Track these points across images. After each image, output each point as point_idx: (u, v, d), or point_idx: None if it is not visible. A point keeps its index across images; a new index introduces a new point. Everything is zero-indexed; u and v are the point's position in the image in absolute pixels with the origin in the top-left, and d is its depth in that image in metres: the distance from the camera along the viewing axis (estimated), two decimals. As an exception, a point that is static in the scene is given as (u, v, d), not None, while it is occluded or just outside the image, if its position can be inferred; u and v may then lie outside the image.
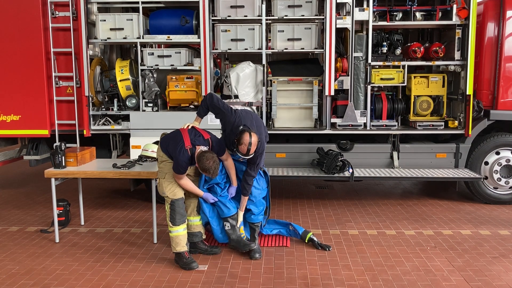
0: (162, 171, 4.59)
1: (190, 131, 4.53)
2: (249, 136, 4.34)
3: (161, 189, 4.61)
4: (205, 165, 4.26)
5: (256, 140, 4.38)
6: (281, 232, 5.23)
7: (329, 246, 4.94)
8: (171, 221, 4.51)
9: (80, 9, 6.27)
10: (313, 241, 4.99)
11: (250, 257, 4.67)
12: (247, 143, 4.33)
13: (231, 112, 4.62)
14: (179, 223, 4.52)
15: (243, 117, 4.59)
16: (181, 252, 4.50)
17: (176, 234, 4.51)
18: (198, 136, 4.48)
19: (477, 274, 4.30)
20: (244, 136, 4.33)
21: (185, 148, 4.36)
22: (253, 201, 4.84)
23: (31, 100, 6.42)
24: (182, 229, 4.54)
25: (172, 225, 4.51)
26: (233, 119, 4.56)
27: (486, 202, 6.57)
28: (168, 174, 4.55)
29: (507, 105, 6.43)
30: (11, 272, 4.41)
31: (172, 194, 4.53)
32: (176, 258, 4.54)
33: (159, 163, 4.64)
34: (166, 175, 4.56)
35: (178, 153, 4.34)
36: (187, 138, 4.42)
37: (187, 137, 4.43)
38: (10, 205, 6.74)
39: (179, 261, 4.50)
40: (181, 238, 4.52)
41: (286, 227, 5.24)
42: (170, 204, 4.53)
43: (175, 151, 4.38)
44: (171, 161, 4.51)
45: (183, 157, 4.34)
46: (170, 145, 4.48)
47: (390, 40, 6.53)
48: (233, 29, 6.37)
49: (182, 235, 4.54)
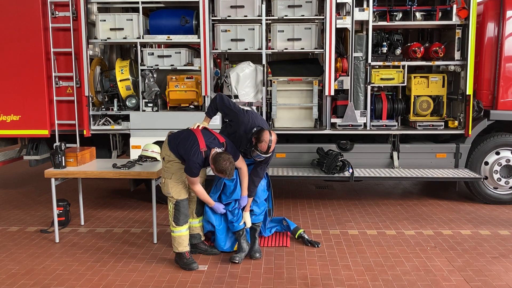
0: (168, 171, 4.53)
1: (204, 133, 4.42)
2: (269, 134, 4.33)
3: (166, 189, 4.56)
4: (222, 166, 4.17)
5: (275, 138, 4.38)
6: (277, 229, 5.27)
7: (318, 242, 4.98)
8: (175, 221, 4.50)
9: (80, 9, 6.26)
10: (303, 238, 5.04)
11: (251, 257, 4.67)
12: (267, 141, 4.30)
13: (243, 112, 4.56)
14: (183, 223, 4.51)
15: (255, 117, 4.58)
16: (182, 253, 4.49)
17: (179, 234, 4.50)
18: (213, 139, 4.39)
19: (477, 274, 4.30)
20: (264, 134, 4.31)
21: (199, 150, 4.26)
22: (257, 201, 4.83)
23: (31, 100, 6.42)
24: (185, 230, 4.54)
25: (175, 225, 4.50)
26: (247, 120, 4.49)
27: (486, 202, 6.57)
28: (175, 175, 4.50)
29: (507, 105, 6.43)
30: (11, 272, 4.42)
31: (178, 194, 4.51)
32: (177, 258, 4.54)
33: (166, 162, 4.55)
34: (173, 175, 4.51)
35: (192, 155, 4.24)
36: (202, 140, 4.32)
37: (202, 139, 4.32)
38: (10, 205, 6.74)
39: (180, 261, 4.50)
40: (184, 239, 4.51)
41: (280, 223, 5.29)
42: (174, 204, 4.52)
43: (188, 152, 4.28)
44: (178, 162, 4.46)
45: (197, 159, 4.25)
46: (181, 145, 4.39)
47: (390, 40, 6.53)
48: (233, 29, 6.37)
49: (185, 235, 4.53)
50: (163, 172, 4.63)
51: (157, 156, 5.48)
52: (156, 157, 5.48)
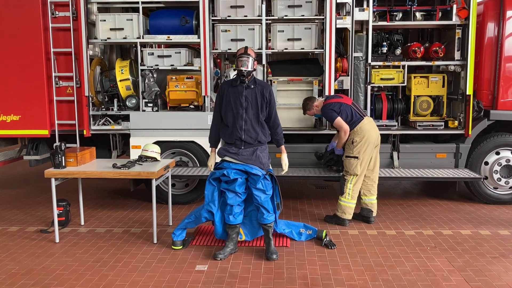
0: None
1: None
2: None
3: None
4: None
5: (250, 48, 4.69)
6: (300, 236, 5.19)
7: (334, 244, 5.00)
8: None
9: (80, 9, 6.27)
10: (324, 240, 5.06)
11: (268, 259, 4.62)
12: (238, 53, 4.69)
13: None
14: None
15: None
16: (345, 219, 5.62)
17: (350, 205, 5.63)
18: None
19: (477, 274, 4.30)
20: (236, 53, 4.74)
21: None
22: (263, 203, 4.71)
23: (31, 100, 6.42)
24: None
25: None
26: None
27: (486, 202, 6.57)
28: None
29: (507, 105, 6.44)
30: (11, 272, 4.42)
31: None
32: (335, 218, 5.71)
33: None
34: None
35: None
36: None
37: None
38: (10, 205, 6.74)
39: (335, 221, 5.70)
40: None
41: (298, 227, 5.22)
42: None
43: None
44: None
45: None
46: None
47: (390, 40, 6.54)
48: (233, 29, 6.37)
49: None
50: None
51: (157, 156, 5.47)
52: (156, 157, 5.46)
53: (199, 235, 5.29)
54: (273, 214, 4.76)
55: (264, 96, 4.68)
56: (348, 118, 5.54)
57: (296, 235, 5.17)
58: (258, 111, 4.68)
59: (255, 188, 4.66)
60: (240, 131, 4.64)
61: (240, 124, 4.64)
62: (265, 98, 4.68)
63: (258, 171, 4.64)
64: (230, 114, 4.70)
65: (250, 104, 4.65)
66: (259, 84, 4.74)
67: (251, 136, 4.66)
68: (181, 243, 4.94)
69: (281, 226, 5.16)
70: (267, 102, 4.71)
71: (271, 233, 4.78)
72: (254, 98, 4.66)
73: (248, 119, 4.65)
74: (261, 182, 4.66)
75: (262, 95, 4.68)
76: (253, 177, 4.66)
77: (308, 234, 5.18)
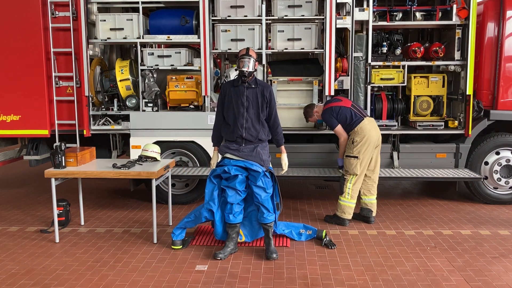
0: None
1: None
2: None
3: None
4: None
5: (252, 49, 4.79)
6: (300, 236, 5.19)
7: (334, 244, 4.99)
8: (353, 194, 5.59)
9: (80, 9, 6.26)
10: (324, 239, 5.06)
11: (267, 258, 4.63)
12: (240, 54, 4.74)
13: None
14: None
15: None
16: (345, 218, 5.61)
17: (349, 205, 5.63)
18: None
19: (477, 274, 4.30)
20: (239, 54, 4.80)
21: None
22: (264, 202, 4.73)
23: (31, 100, 6.42)
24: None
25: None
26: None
27: (486, 202, 6.57)
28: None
29: (507, 105, 6.43)
30: (11, 272, 4.42)
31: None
32: (335, 218, 5.71)
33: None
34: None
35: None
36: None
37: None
38: (10, 205, 6.74)
39: (335, 221, 5.70)
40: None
41: (298, 228, 5.22)
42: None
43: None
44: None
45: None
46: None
47: (390, 40, 6.54)
48: (233, 29, 6.37)
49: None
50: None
51: (157, 156, 5.47)
52: (156, 157, 5.46)
53: (199, 235, 5.30)
54: (273, 213, 4.76)
55: (264, 96, 4.76)
56: (347, 120, 5.58)
57: (296, 235, 5.18)
58: (258, 111, 4.76)
59: (256, 185, 4.68)
60: (241, 129, 4.72)
61: (241, 122, 4.72)
62: (265, 98, 4.76)
63: (258, 168, 4.68)
64: (231, 113, 4.78)
65: (251, 104, 4.74)
66: (260, 84, 4.82)
67: (251, 134, 4.74)
68: (180, 242, 4.94)
69: (281, 227, 5.16)
70: (267, 102, 4.79)
71: (271, 233, 4.79)
72: (255, 97, 4.74)
73: (249, 117, 4.73)
74: (261, 180, 4.68)
75: (263, 95, 4.76)
76: (253, 174, 4.69)
77: (308, 234, 5.19)
